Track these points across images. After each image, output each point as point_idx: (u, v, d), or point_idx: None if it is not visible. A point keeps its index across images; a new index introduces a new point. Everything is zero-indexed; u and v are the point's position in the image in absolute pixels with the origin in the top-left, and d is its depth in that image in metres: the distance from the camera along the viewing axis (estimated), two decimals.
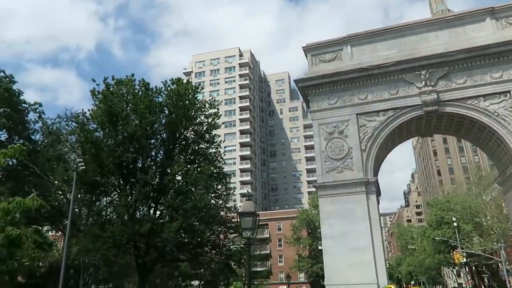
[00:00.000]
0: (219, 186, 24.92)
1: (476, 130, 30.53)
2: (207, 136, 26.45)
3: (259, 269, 64.53)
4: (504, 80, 27.97)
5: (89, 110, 24.11)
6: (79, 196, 23.97)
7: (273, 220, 73.47)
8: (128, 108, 22.93)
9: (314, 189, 31.91)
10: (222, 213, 24.66)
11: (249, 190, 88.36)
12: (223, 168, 26.10)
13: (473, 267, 60.50)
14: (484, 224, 54.44)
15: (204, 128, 26.17)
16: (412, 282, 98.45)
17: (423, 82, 29.41)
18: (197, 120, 25.96)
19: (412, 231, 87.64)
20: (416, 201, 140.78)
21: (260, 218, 50.13)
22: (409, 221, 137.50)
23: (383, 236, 31.80)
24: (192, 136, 26.02)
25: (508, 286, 37.72)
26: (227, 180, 25.74)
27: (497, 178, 33.56)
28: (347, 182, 29.29)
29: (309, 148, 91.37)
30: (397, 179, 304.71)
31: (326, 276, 28.66)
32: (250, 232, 11.04)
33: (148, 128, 23.16)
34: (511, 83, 27.78)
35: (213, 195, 24.60)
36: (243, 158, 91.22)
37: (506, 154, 28.84)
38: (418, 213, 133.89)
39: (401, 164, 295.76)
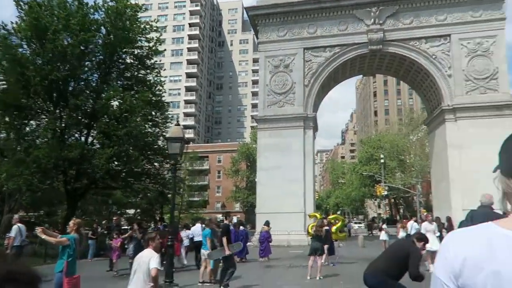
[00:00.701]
0: (158, 114, 24.18)
1: (413, 72, 31.95)
2: (148, 62, 25.04)
3: (196, 198, 66.09)
4: (447, 24, 28.95)
5: (12, 22, 21.52)
6: (6, 119, 22.16)
7: (214, 152, 74.35)
8: (59, 23, 20.74)
9: (257, 124, 32.33)
10: (159, 142, 24.28)
11: (193, 122, 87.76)
12: (163, 96, 25.19)
13: (392, 200, 66.68)
14: (407, 161, 59.24)
15: (145, 53, 24.68)
16: (339, 212, 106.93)
17: (372, 20, 29.69)
18: (138, 44, 24.33)
19: (344, 166, 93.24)
20: (352, 140, 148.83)
21: (201, 150, 50.50)
22: (343, 157, 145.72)
23: (314, 170, 33.62)
24: (131, 61, 24.50)
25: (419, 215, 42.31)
26: (166, 108, 25.01)
27: (425, 119, 35.98)
28: (287, 117, 30.00)
29: (256, 82, 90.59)
30: (339, 118, 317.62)
31: (258, 205, 30.18)
32: (177, 157, 11.03)
33: (81, 47, 21.34)
34: (453, 27, 28.85)
35: (150, 123, 23.94)
36: (188, 89, 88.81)
37: (436, 96, 30.77)
38: (352, 151, 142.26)
39: (344, 104, 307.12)
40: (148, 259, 5.08)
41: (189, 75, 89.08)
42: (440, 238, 15.15)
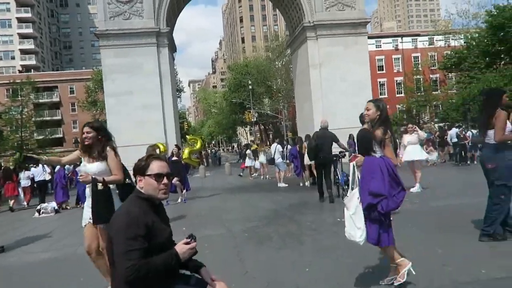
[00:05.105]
0: None
1: None
2: None
3: (49, 136, 57.12)
4: None
5: None
6: None
7: (64, 81, 63.81)
8: None
9: (98, 40, 26.50)
10: None
11: (33, 46, 73.21)
12: None
13: (262, 126, 67.99)
14: (274, 87, 59.65)
15: None
16: (213, 142, 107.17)
17: None
18: None
19: (216, 96, 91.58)
20: (222, 68, 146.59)
21: (48, 79, 41.79)
22: (214, 87, 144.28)
23: (175, 94, 30.10)
24: None
25: (286, 137, 43.33)
26: None
27: (288, 39, 34.84)
28: (136, 31, 25.18)
29: None
30: (210, 47, 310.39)
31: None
32: None
33: None
34: None
35: None
36: (20, 4, 71.42)
37: (297, 13, 29.12)
38: (222, 80, 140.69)
39: (215, 33, 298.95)
40: None
41: None
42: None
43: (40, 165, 15.38)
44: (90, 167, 4.09)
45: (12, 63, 71.60)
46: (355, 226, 3.70)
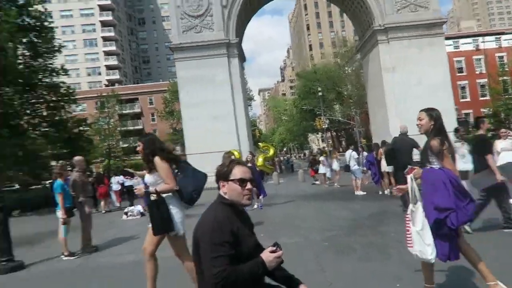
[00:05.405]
0: (39, 42, 19.03)
1: None
2: None
3: (132, 144, 61.43)
4: None
5: None
6: None
7: (144, 93, 68.52)
8: None
9: (172, 54, 27.97)
10: (46, 77, 19.58)
11: (116, 62, 79.57)
12: (46, 18, 19.77)
13: (334, 132, 66.77)
14: (345, 93, 58.34)
15: None
16: (285, 149, 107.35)
17: None
18: None
19: (286, 103, 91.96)
20: (290, 76, 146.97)
21: (129, 92, 44.88)
22: (284, 94, 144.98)
23: (246, 103, 30.64)
24: None
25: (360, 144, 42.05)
26: (51, 34, 19.76)
27: (358, 44, 33.92)
28: (207, 43, 26.12)
29: None
30: (278, 56, 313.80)
31: (187, 146, 27.13)
32: None
33: None
34: None
35: (27, 52, 18.93)
36: (104, 24, 78.38)
37: (367, 16, 28.27)
38: (292, 87, 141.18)
39: (282, 42, 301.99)
40: None
41: (103, 8, 78.50)
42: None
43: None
44: (146, 179, 4.24)
45: (99, 78, 78.41)
46: (424, 243, 3.44)
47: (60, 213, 7.53)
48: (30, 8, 18.77)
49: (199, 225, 2.30)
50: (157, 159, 4.09)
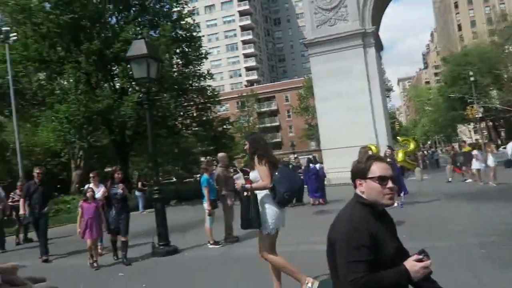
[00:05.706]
0: (190, 51, 21.34)
1: None
2: None
3: (270, 140, 64.55)
4: None
5: None
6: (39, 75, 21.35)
7: (280, 91, 71.01)
8: None
9: (307, 49, 28.14)
10: (195, 82, 21.88)
11: (254, 63, 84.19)
12: (195, 29, 22.08)
13: (490, 122, 58.42)
14: (505, 75, 50.39)
15: None
16: (429, 142, 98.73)
17: None
18: None
19: (430, 92, 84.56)
20: (435, 62, 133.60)
21: (266, 90, 47.35)
22: (427, 83, 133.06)
23: (384, 94, 28.94)
24: None
25: None
26: (199, 43, 22.00)
27: None
28: (342, 35, 25.47)
29: None
30: (419, 42, 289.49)
31: (322, 140, 27.03)
32: (147, 81, 8.16)
33: None
34: None
35: (181, 61, 21.35)
36: (244, 28, 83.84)
37: None
38: (436, 74, 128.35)
39: (423, 26, 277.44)
40: None
41: (242, 13, 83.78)
42: None
43: None
44: (251, 175, 4.39)
45: (239, 80, 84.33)
46: None
47: (206, 205, 8.25)
48: (181, 22, 21.23)
49: (334, 226, 2.14)
50: (256, 158, 4.32)
